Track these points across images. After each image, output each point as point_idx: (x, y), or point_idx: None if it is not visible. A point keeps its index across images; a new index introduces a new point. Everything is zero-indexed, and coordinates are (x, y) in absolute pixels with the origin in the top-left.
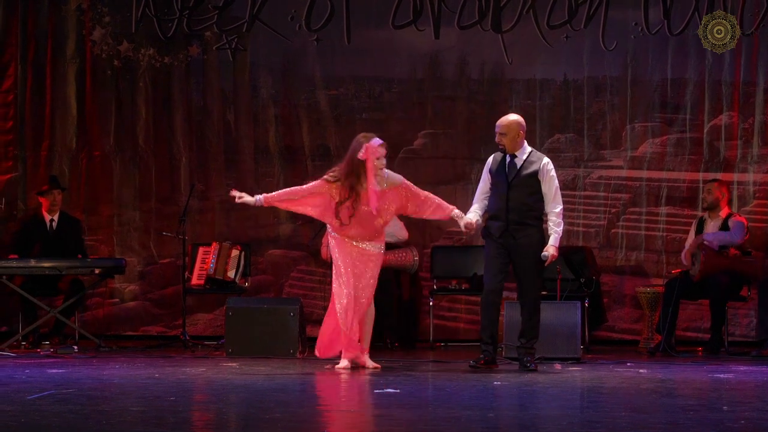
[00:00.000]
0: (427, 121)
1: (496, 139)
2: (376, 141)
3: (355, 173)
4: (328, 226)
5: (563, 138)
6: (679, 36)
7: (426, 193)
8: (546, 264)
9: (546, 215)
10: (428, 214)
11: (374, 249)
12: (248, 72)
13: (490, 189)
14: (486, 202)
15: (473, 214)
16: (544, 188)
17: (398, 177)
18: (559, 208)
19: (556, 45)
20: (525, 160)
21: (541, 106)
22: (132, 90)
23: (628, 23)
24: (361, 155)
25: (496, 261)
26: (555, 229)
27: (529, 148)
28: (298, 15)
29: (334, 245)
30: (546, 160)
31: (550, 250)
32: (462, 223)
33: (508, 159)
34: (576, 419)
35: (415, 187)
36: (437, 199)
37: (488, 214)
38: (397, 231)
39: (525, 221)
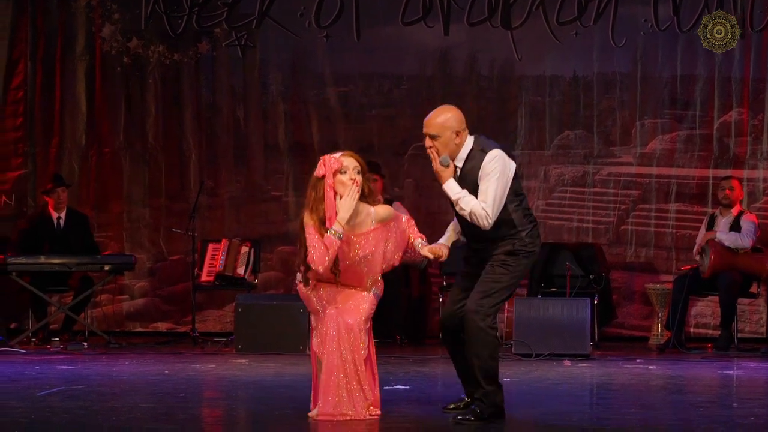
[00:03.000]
0: None
1: (426, 143)
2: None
3: (321, 198)
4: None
5: (572, 134)
6: (689, 32)
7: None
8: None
9: (520, 230)
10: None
11: (365, 291)
12: (258, 69)
13: None
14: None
15: (444, 237)
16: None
17: (389, 209)
18: (484, 204)
19: (565, 41)
20: (464, 165)
21: (550, 102)
22: (141, 87)
23: (638, 20)
24: (319, 171)
25: (456, 288)
26: (465, 194)
27: (469, 145)
28: (308, 12)
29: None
30: (490, 156)
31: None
32: (424, 252)
33: None
34: (586, 416)
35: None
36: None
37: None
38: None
39: (488, 242)
